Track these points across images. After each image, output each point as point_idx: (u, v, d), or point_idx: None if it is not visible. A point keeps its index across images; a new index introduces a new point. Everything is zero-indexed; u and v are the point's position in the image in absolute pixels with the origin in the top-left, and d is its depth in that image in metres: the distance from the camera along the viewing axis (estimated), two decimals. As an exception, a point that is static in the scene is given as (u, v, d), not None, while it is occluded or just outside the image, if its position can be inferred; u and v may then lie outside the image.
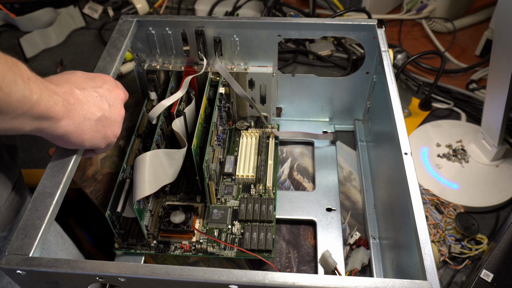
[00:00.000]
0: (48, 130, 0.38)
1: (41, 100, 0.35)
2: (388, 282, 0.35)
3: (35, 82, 0.35)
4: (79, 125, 0.40)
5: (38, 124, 0.37)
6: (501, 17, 0.54)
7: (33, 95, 0.34)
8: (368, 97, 0.70)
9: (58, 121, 0.38)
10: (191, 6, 1.05)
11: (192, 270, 0.36)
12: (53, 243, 0.61)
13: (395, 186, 0.50)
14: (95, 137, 0.42)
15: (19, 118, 0.35)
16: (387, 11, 1.03)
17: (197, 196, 0.61)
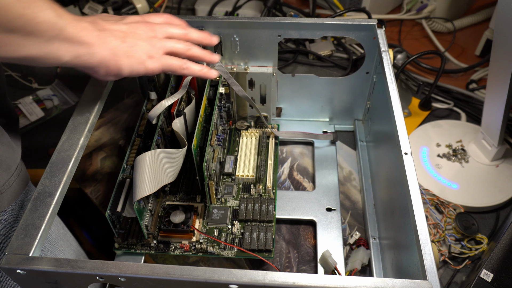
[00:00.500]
0: (86, 58, 0.39)
1: (70, 24, 0.37)
2: (388, 282, 0.35)
3: (61, 8, 0.37)
4: (112, 50, 0.41)
5: (74, 50, 0.38)
6: (501, 17, 0.54)
7: (61, 19, 0.36)
8: (368, 97, 0.70)
9: (91, 46, 0.39)
10: (191, 6, 1.05)
11: (192, 270, 0.36)
12: (55, 232, 0.61)
13: (395, 186, 0.50)
14: (132, 62, 0.43)
15: (53, 42, 0.36)
16: (387, 11, 1.03)
17: (197, 196, 0.61)
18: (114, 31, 0.42)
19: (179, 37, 0.48)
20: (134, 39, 0.43)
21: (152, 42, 0.45)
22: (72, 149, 0.45)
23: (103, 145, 0.75)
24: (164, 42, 0.46)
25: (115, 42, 0.42)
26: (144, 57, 0.44)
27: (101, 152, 0.73)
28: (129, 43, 0.43)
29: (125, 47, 0.42)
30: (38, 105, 0.83)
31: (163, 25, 0.47)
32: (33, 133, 0.79)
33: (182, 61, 0.47)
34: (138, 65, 0.44)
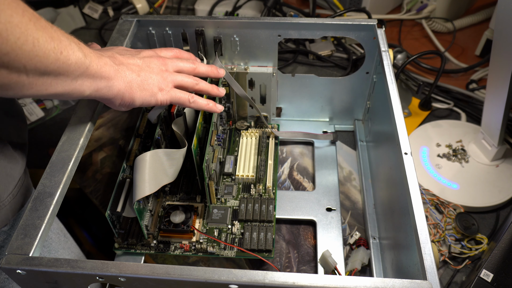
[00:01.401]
0: (105, 91, 0.43)
1: (93, 61, 0.40)
2: (388, 282, 0.35)
3: (84, 46, 0.40)
4: (128, 84, 0.44)
5: (95, 84, 0.41)
6: (501, 17, 0.54)
7: (86, 57, 0.39)
8: (368, 97, 0.70)
9: (111, 80, 0.43)
10: (191, 6, 1.06)
11: (192, 270, 0.36)
12: (55, 241, 0.61)
13: (395, 186, 0.50)
14: (144, 95, 0.46)
15: (78, 79, 0.39)
16: (387, 11, 1.03)
17: (197, 196, 0.61)
18: (130, 65, 0.46)
19: (188, 71, 0.52)
20: (147, 72, 0.47)
21: (163, 75, 0.48)
22: (72, 149, 0.45)
23: (103, 145, 0.75)
24: (174, 76, 0.49)
25: (131, 75, 0.45)
26: (156, 90, 0.47)
27: (101, 152, 0.73)
28: (143, 76, 0.46)
29: (139, 81, 0.46)
30: (38, 105, 0.83)
31: (173, 60, 0.51)
32: (33, 133, 0.79)
33: (189, 95, 0.51)
34: (150, 97, 0.47)
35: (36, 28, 0.34)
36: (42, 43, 0.34)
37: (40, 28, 0.35)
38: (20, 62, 0.34)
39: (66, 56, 0.37)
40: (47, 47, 0.35)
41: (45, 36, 0.35)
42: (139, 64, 0.47)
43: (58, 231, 0.64)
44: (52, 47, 0.35)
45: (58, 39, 0.36)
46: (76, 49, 0.38)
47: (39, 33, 0.34)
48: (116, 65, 0.44)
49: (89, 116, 0.49)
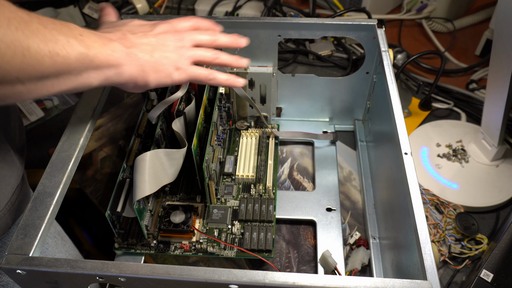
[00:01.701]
0: (115, 78, 0.40)
1: (99, 51, 0.37)
2: (388, 282, 0.35)
3: (88, 36, 0.37)
4: (141, 67, 0.41)
5: (103, 74, 0.39)
6: (501, 17, 0.54)
7: (90, 50, 0.36)
8: (368, 97, 0.70)
9: (120, 67, 0.39)
10: (191, 6, 1.05)
11: (192, 270, 0.36)
12: (52, 245, 0.61)
13: (395, 186, 0.50)
14: (159, 76, 0.43)
15: (83, 73, 0.37)
16: (387, 11, 1.03)
17: (197, 196, 0.61)
18: (143, 45, 0.42)
19: (207, 44, 0.47)
20: (162, 51, 0.43)
21: (180, 52, 0.44)
22: (72, 149, 0.45)
23: (103, 145, 0.75)
24: (191, 51, 0.45)
25: (144, 57, 0.41)
26: (172, 69, 0.44)
27: (101, 152, 0.73)
28: (157, 57, 0.42)
29: (153, 62, 0.42)
30: (38, 105, 0.83)
31: (191, 32, 0.47)
32: (33, 133, 0.79)
33: (208, 71, 0.47)
34: (165, 78, 0.43)
35: (25, 36, 0.31)
36: (34, 51, 0.32)
37: (31, 34, 0.32)
38: (11, 75, 0.32)
39: (64, 56, 0.34)
40: (40, 54, 0.32)
41: (37, 42, 0.32)
42: (152, 43, 0.43)
43: (55, 235, 0.64)
44: (46, 51, 0.33)
45: (54, 39, 0.34)
46: (75, 45, 0.35)
47: (29, 40, 0.32)
48: (127, 47, 0.40)
49: (89, 116, 0.49)
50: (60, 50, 0.34)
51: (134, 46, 0.41)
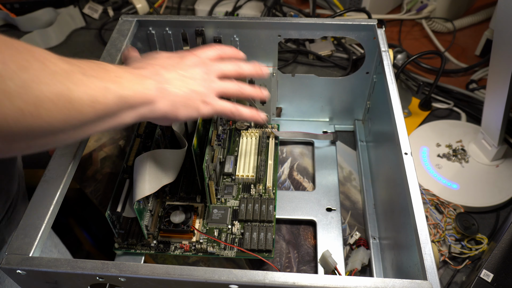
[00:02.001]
0: (148, 114, 0.40)
1: (135, 91, 0.38)
2: (388, 282, 0.35)
3: (125, 76, 0.37)
4: (172, 102, 0.42)
5: (138, 112, 0.39)
6: (501, 17, 0.54)
7: (126, 91, 0.36)
8: (368, 97, 0.70)
9: (154, 104, 0.40)
10: (191, 6, 1.05)
11: (192, 270, 0.36)
12: (46, 254, 0.60)
13: (395, 186, 0.50)
14: (188, 111, 0.44)
15: (120, 114, 0.37)
16: (387, 11, 1.03)
17: (197, 196, 0.61)
18: (174, 80, 0.43)
19: (232, 74, 0.49)
20: (191, 86, 0.44)
21: (207, 85, 0.45)
22: (72, 149, 0.45)
23: (103, 145, 0.75)
24: (218, 84, 0.46)
25: (175, 93, 0.42)
26: (199, 103, 0.44)
27: (101, 152, 0.73)
28: (187, 93, 0.43)
29: (183, 97, 0.43)
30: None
31: (217, 63, 0.48)
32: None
33: (233, 106, 0.48)
34: (194, 112, 0.44)
35: (69, 90, 0.31)
36: (77, 103, 0.32)
37: (73, 86, 0.32)
38: (55, 127, 0.31)
39: (104, 103, 0.34)
40: (82, 104, 0.32)
41: (80, 93, 0.32)
42: (182, 78, 0.44)
43: (52, 248, 0.63)
44: (88, 101, 0.33)
45: (94, 88, 0.33)
46: (114, 89, 0.35)
47: (73, 93, 0.31)
48: (160, 83, 0.41)
49: (89, 116, 0.49)
50: (100, 98, 0.34)
51: (166, 82, 0.42)
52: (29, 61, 0.29)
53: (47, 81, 0.30)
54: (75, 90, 0.32)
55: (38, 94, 0.29)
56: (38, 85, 0.29)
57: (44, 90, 0.29)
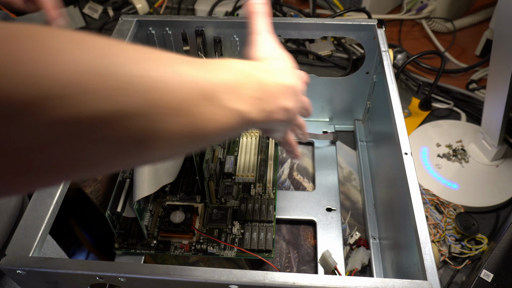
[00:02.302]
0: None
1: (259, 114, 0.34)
2: (388, 282, 0.35)
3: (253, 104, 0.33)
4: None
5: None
6: (501, 17, 0.54)
7: (252, 116, 0.33)
8: (368, 97, 0.70)
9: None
10: (191, 6, 1.05)
11: (192, 270, 0.36)
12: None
13: (395, 186, 0.50)
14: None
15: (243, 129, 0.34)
16: (387, 11, 1.03)
17: (197, 196, 0.61)
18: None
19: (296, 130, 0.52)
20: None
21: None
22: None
23: (103, 145, 0.75)
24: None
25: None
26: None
27: (101, 152, 0.73)
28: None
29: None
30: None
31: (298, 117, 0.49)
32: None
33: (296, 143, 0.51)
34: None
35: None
36: (209, 134, 0.29)
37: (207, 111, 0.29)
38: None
39: (233, 129, 0.32)
40: (216, 135, 0.30)
41: (213, 126, 0.29)
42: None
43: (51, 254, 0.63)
44: (219, 129, 0.30)
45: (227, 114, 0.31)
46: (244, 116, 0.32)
47: (209, 127, 0.29)
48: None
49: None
50: (230, 126, 0.32)
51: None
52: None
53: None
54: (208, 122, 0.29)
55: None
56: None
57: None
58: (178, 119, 0.26)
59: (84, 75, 0.21)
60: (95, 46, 0.23)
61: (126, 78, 0.23)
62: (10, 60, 0.19)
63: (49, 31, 0.22)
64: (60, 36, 0.22)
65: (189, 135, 0.28)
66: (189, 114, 0.27)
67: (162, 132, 0.25)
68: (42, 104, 0.20)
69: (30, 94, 0.19)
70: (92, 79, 0.21)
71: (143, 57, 0.25)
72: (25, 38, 0.21)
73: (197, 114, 0.28)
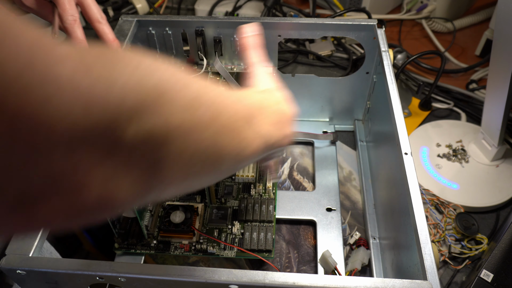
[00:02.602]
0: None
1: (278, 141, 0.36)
2: (388, 282, 0.35)
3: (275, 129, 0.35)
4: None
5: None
6: (501, 17, 0.54)
7: (273, 141, 0.35)
8: (368, 97, 0.70)
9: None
10: (191, 6, 1.05)
11: (192, 270, 0.36)
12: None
13: (395, 186, 0.50)
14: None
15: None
16: (387, 11, 1.03)
17: (197, 196, 0.61)
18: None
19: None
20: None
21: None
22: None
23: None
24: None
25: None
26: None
27: (101, 152, 0.73)
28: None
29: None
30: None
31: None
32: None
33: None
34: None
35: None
36: (245, 157, 0.31)
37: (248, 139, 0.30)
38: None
39: (258, 153, 0.33)
40: (243, 155, 0.31)
41: (249, 151, 0.31)
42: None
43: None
44: (249, 153, 0.31)
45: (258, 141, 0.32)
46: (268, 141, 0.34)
47: (246, 151, 0.30)
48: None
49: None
50: (259, 150, 0.33)
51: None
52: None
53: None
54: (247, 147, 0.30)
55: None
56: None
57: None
58: (230, 140, 0.28)
59: (173, 84, 0.24)
60: (166, 67, 0.25)
61: (202, 90, 0.25)
62: (115, 68, 0.20)
63: (132, 52, 0.24)
64: (140, 55, 0.24)
65: (236, 157, 0.29)
66: (237, 136, 0.28)
67: (220, 151, 0.27)
68: (145, 110, 0.21)
69: (135, 101, 0.21)
70: (179, 88, 0.24)
71: (198, 78, 0.27)
72: (117, 54, 0.22)
73: (242, 137, 0.29)
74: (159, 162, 0.23)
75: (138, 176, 0.22)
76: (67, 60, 0.18)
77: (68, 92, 0.17)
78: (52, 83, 0.17)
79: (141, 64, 0.22)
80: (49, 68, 0.17)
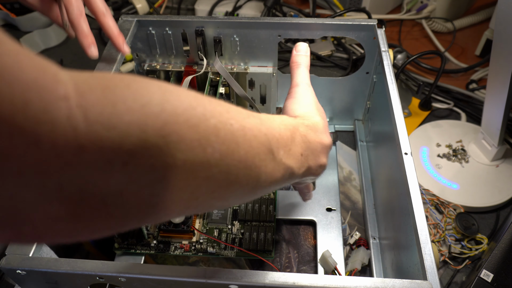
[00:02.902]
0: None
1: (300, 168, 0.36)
2: (388, 282, 0.35)
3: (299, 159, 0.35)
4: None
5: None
6: (501, 17, 0.54)
7: (296, 170, 0.34)
8: (368, 97, 0.70)
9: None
10: (191, 6, 1.05)
11: (192, 270, 0.36)
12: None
13: (395, 186, 0.50)
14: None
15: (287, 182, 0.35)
16: (387, 11, 1.03)
17: (197, 196, 0.60)
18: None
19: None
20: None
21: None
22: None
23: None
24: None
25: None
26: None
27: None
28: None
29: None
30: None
31: None
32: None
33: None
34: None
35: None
36: (262, 185, 0.30)
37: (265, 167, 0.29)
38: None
39: (280, 183, 0.32)
40: (263, 185, 0.30)
41: (267, 176, 0.30)
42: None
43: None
44: (269, 182, 0.30)
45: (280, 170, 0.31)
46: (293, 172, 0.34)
47: (261, 177, 0.29)
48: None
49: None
50: (280, 179, 0.32)
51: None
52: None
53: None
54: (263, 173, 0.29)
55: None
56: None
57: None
58: (247, 172, 0.27)
59: (181, 124, 0.22)
60: (185, 97, 0.24)
61: (212, 130, 0.24)
62: (115, 110, 0.20)
63: (144, 81, 0.23)
64: (154, 86, 0.23)
65: (251, 189, 0.28)
66: (255, 169, 0.28)
67: (231, 185, 0.26)
68: (144, 152, 0.20)
69: (135, 143, 0.20)
70: (186, 129, 0.22)
71: (224, 109, 0.26)
72: (124, 87, 0.21)
73: (262, 170, 0.28)
74: (156, 196, 0.22)
75: (124, 213, 0.21)
76: (65, 100, 0.18)
77: (62, 136, 0.17)
78: (47, 124, 0.17)
79: (151, 100, 0.21)
80: (47, 108, 0.17)
